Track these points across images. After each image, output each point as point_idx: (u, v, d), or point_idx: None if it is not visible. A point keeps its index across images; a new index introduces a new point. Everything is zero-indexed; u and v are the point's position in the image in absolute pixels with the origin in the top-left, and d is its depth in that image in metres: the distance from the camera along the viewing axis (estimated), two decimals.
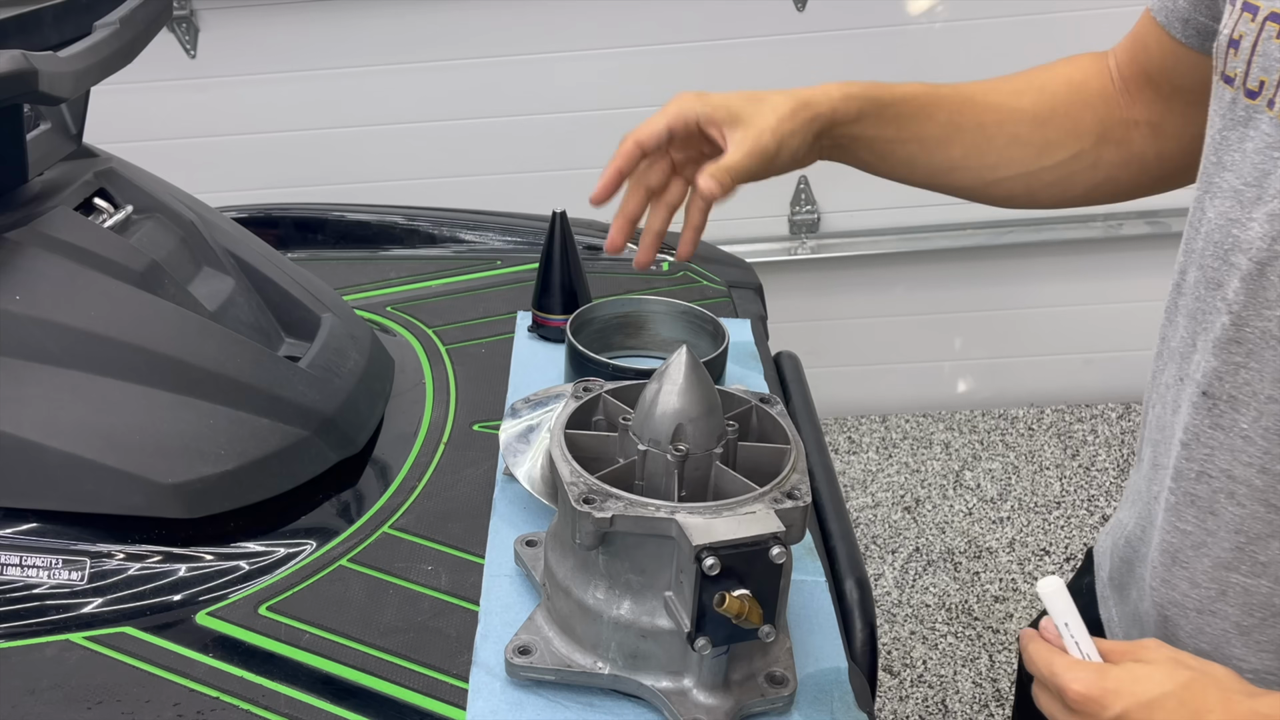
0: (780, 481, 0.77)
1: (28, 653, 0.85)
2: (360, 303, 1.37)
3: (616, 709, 0.78)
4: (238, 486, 0.96)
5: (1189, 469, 0.71)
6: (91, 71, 0.94)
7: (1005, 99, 0.87)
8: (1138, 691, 0.60)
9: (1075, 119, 0.87)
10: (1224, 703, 0.59)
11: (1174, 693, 0.59)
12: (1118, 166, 0.89)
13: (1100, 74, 0.89)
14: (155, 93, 2.52)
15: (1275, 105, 0.63)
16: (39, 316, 0.93)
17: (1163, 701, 0.59)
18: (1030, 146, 0.87)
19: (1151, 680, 0.60)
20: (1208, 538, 0.70)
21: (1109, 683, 0.61)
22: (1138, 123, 0.88)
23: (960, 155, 0.87)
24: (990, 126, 0.87)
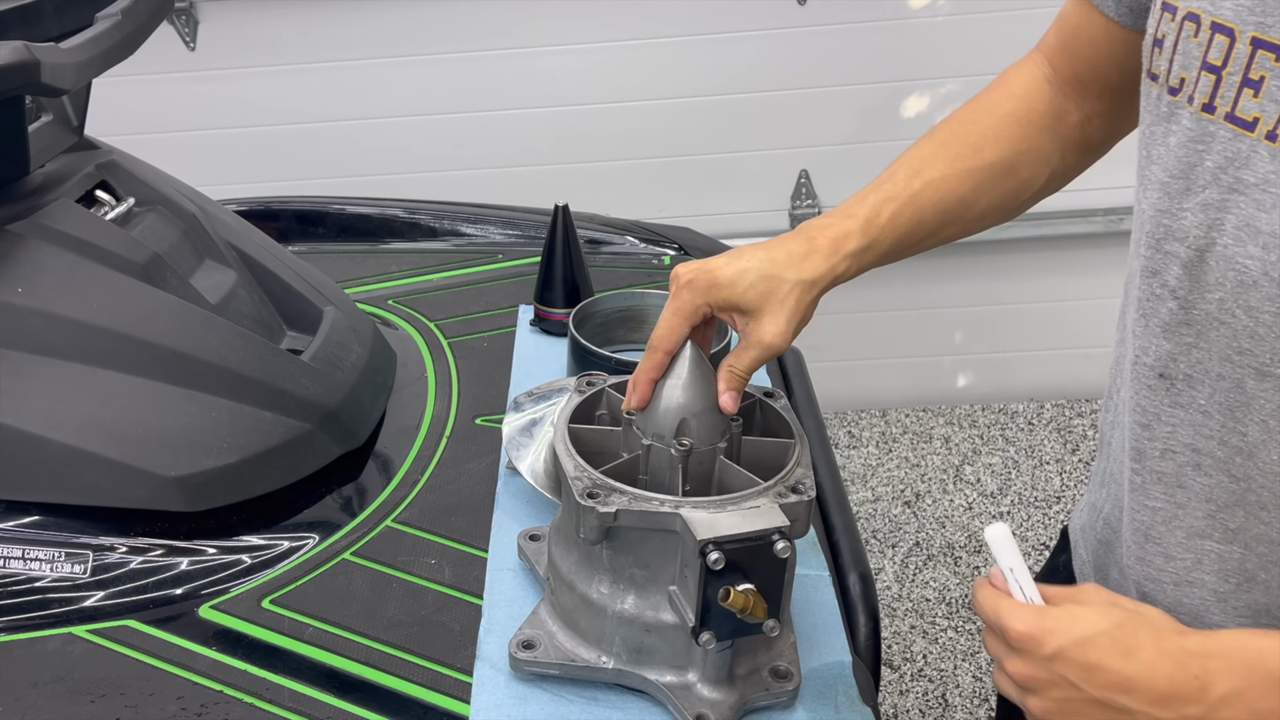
0: (785, 476, 0.77)
1: (30, 646, 0.85)
2: (361, 296, 1.37)
3: (621, 703, 0.78)
4: (240, 480, 0.95)
5: (1152, 448, 0.73)
6: (93, 63, 0.94)
7: (970, 161, 0.88)
8: (1073, 630, 0.62)
9: (1037, 150, 0.89)
10: (1155, 639, 0.62)
11: (1107, 631, 0.62)
12: (1083, 161, 0.91)
13: (1040, 90, 0.89)
14: (155, 85, 2.51)
15: (1194, 101, 0.65)
16: (41, 309, 0.93)
17: (1096, 639, 0.62)
18: (1007, 193, 0.89)
19: (1087, 620, 0.63)
20: (1178, 510, 0.72)
21: (1048, 622, 0.63)
22: (1089, 117, 0.88)
23: (953, 232, 0.90)
24: (969, 195, 0.88)
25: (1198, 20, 0.65)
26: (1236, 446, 0.67)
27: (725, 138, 2.64)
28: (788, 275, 0.80)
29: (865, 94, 2.61)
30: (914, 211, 0.86)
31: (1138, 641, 0.62)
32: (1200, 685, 0.60)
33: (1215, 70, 0.64)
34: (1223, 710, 0.60)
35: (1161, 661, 0.61)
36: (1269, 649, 0.60)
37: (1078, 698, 0.63)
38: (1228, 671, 0.60)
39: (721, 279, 0.80)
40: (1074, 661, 0.62)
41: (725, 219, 2.66)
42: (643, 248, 1.53)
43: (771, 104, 2.61)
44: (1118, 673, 0.61)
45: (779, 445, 0.82)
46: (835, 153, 2.67)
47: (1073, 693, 0.63)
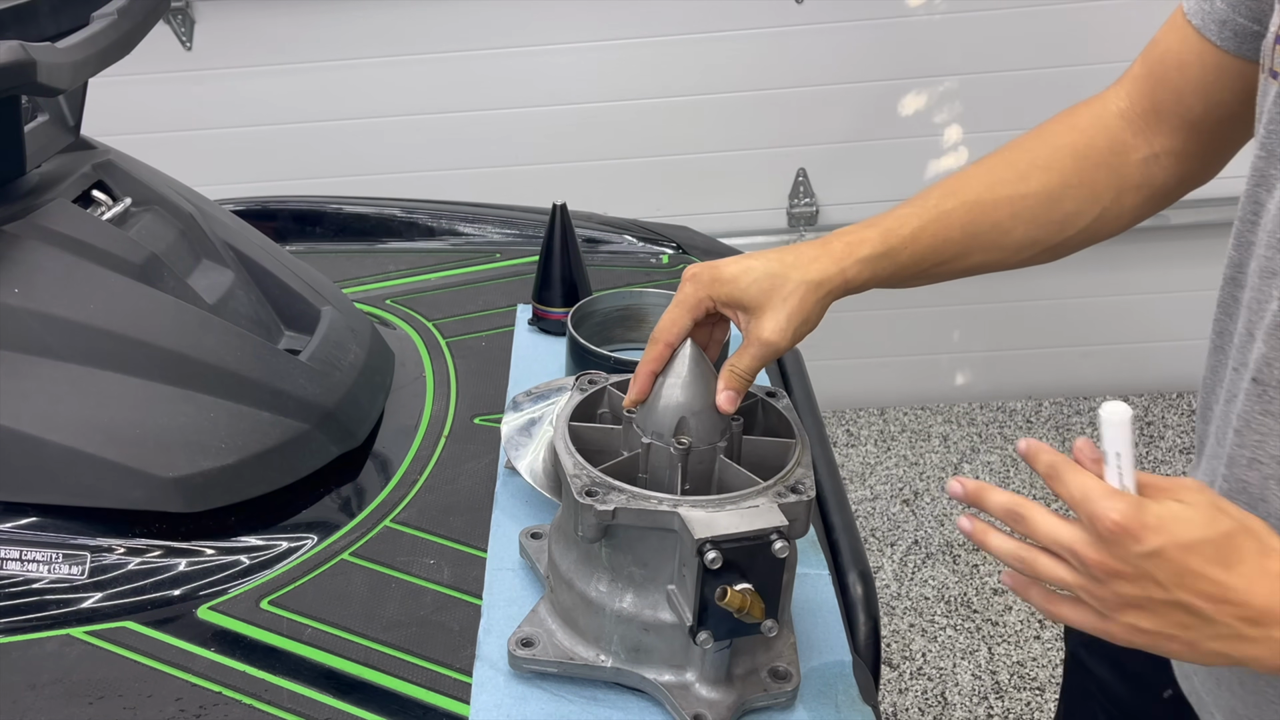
0: (784, 475, 0.77)
1: (28, 647, 0.85)
2: (359, 296, 1.37)
3: (620, 703, 0.78)
4: (238, 480, 0.95)
5: (1241, 455, 0.71)
6: (90, 62, 0.93)
7: (1012, 189, 0.85)
8: (1176, 532, 0.59)
9: (1089, 185, 0.85)
10: (1259, 555, 0.59)
11: (1212, 539, 0.59)
12: (1141, 205, 0.87)
13: (1105, 126, 0.86)
14: (151, 85, 2.51)
15: None
16: (38, 310, 0.93)
17: (1200, 547, 0.59)
18: (1049, 225, 0.86)
19: (1192, 523, 0.59)
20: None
21: (1148, 518, 0.59)
22: (1158, 155, 0.85)
23: (982, 259, 0.86)
24: (1005, 221, 0.85)
25: None
26: None
27: (723, 136, 2.64)
28: (793, 275, 0.79)
29: (863, 92, 2.61)
30: (941, 229, 0.84)
31: (1242, 554, 0.59)
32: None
33: None
34: None
35: (1263, 579, 0.59)
36: None
37: (1160, 598, 0.60)
38: None
39: (725, 274, 0.80)
40: (1172, 563, 0.59)
41: (723, 217, 2.66)
42: (641, 246, 1.53)
43: (769, 102, 2.61)
44: (1217, 582, 0.59)
45: (779, 445, 0.82)
46: (833, 151, 2.67)
47: (1156, 591, 0.60)
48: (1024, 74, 2.58)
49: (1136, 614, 0.61)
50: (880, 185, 2.69)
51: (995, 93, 2.60)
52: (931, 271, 0.86)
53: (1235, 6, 0.76)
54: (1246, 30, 0.76)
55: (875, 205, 3.11)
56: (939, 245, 0.84)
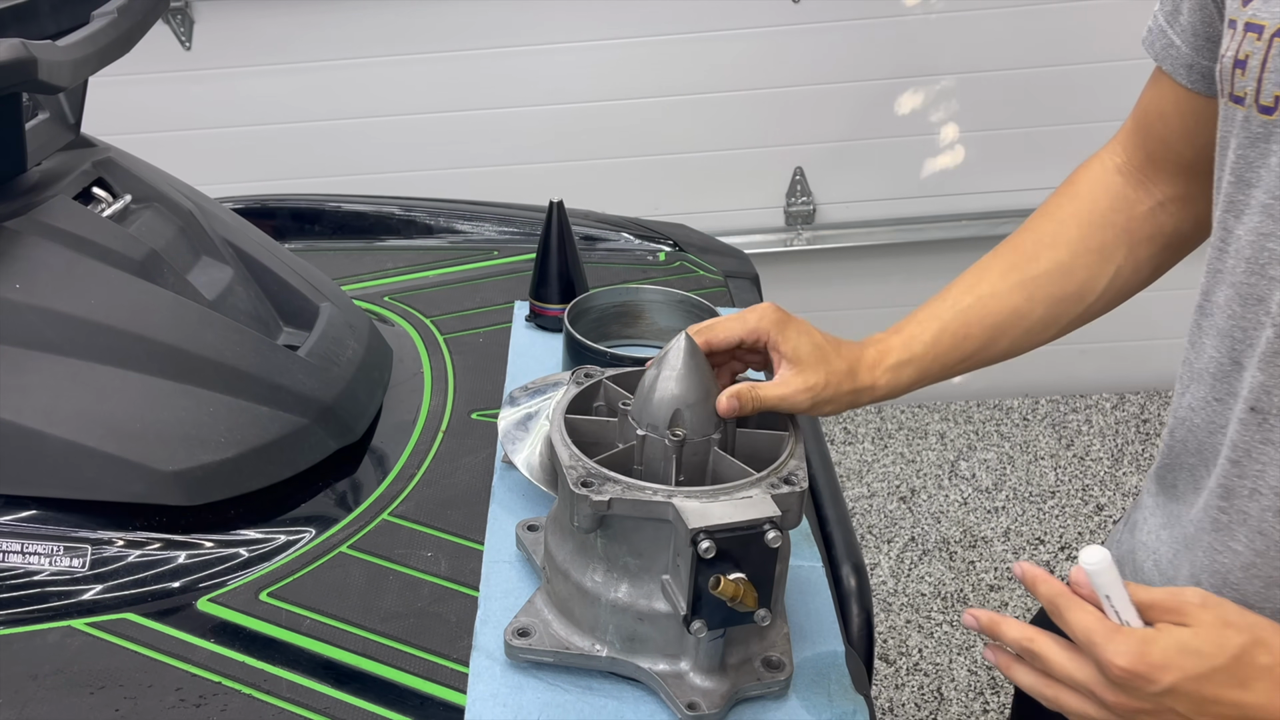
0: (778, 467, 0.77)
1: (30, 639, 0.86)
2: (357, 293, 1.37)
3: (615, 692, 0.79)
4: (237, 474, 0.96)
5: (1242, 486, 0.70)
6: (90, 60, 0.94)
7: (1022, 271, 0.87)
8: (1186, 666, 0.59)
9: (1098, 249, 0.87)
10: (1272, 670, 0.60)
11: (1224, 666, 0.59)
12: (1158, 255, 0.88)
13: (1104, 185, 0.88)
14: (150, 85, 2.51)
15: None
16: (39, 305, 0.93)
17: (1213, 675, 0.59)
18: (1067, 300, 0.87)
19: (1201, 654, 0.60)
20: (1257, 559, 0.70)
21: (1155, 656, 0.59)
22: (1163, 203, 0.86)
23: (1006, 347, 0.89)
24: (1022, 305, 0.87)
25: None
26: None
27: (720, 135, 2.65)
28: (840, 362, 0.84)
29: (860, 91, 2.62)
30: (960, 327, 0.87)
31: (1255, 671, 0.60)
32: None
33: None
34: None
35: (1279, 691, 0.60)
36: None
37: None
38: None
39: (793, 323, 0.84)
40: (1189, 695, 0.60)
41: (720, 216, 2.67)
42: (638, 244, 1.53)
43: (766, 101, 2.62)
44: (1236, 704, 0.60)
45: (773, 437, 0.83)
46: (830, 150, 2.68)
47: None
48: (1020, 73, 2.59)
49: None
50: (877, 184, 2.70)
51: (992, 91, 2.61)
52: (961, 367, 0.88)
53: (1198, 49, 0.77)
54: (1211, 70, 0.77)
55: (872, 204, 3.13)
56: (960, 343, 0.87)
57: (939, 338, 0.86)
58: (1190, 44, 0.78)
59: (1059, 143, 2.61)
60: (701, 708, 0.75)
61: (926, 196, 2.72)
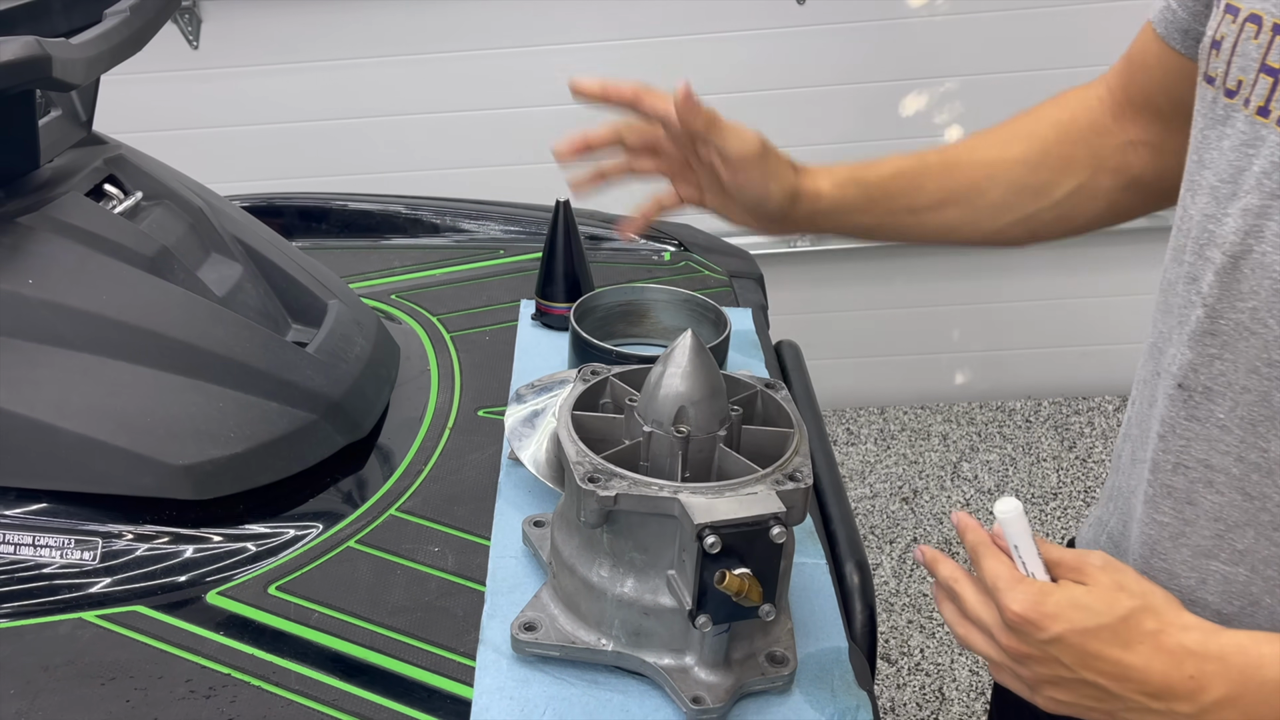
0: (782, 464, 0.78)
1: (41, 630, 0.87)
2: (365, 291, 1.38)
3: (620, 686, 0.80)
4: (246, 469, 0.97)
5: (1165, 460, 0.72)
6: (103, 58, 0.95)
7: (993, 152, 0.89)
8: (1074, 619, 0.62)
9: (1067, 156, 0.88)
10: (1155, 635, 0.62)
11: (1110, 624, 0.62)
12: (1118, 191, 0.89)
13: (1088, 107, 0.89)
14: (158, 84, 2.53)
15: (1250, 104, 0.64)
16: (51, 300, 0.94)
17: (1098, 631, 0.62)
18: (1025, 191, 0.88)
19: (1090, 610, 0.62)
20: (1185, 528, 0.72)
21: (1048, 606, 0.62)
22: (1135, 145, 0.88)
23: (956, 216, 0.89)
24: (982, 182, 0.88)
25: (1260, 22, 0.64)
26: (1254, 463, 0.66)
27: None
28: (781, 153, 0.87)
29: (864, 93, 2.63)
30: (917, 175, 0.89)
31: (1139, 635, 0.62)
32: (1195, 686, 0.61)
33: (1274, 73, 0.63)
34: (1215, 713, 0.60)
35: (1159, 657, 0.62)
36: (1269, 656, 0.60)
37: (1069, 676, 0.64)
38: (1223, 677, 0.60)
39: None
40: (1073, 647, 0.62)
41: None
42: (643, 244, 1.54)
43: (770, 102, 2.62)
44: (1116, 662, 0.62)
45: (778, 435, 0.84)
46: (834, 151, 2.68)
47: (1064, 671, 0.64)
48: (1025, 75, 2.59)
49: (1053, 689, 0.65)
50: None
51: (996, 94, 2.61)
52: (903, 217, 0.89)
53: (1195, 16, 0.78)
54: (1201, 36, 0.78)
55: None
56: (911, 190, 0.88)
57: (894, 176, 0.89)
58: (1189, 10, 0.78)
59: None
60: (706, 701, 0.76)
61: None
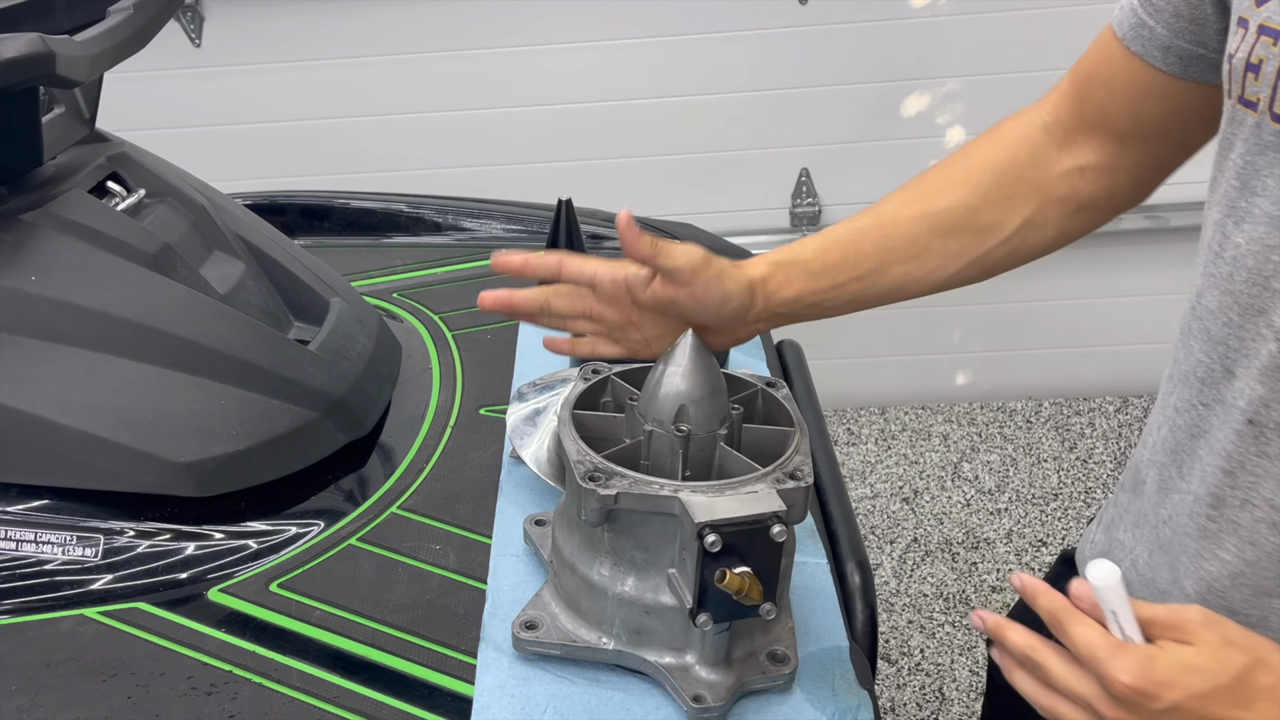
0: (783, 462, 0.78)
1: (43, 627, 0.87)
2: (366, 289, 1.38)
3: (621, 684, 0.80)
4: (248, 466, 0.97)
5: (1233, 496, 0.70)
6: (106, 56, 0.95)
7: (927, 204, 0.87)
8: (1190, 684, 0.59)
9: (1008, 195, 0.86)
10: (1273, 690, 0.60)
11: (1227, 685, 0.59)
12: (1066, 217, 0.87)
13: (1026, 138, 0.87)
14: (160, 82, 2.53)
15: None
16: (54, 297, 0.95)
17: (1216, 694, 0.59)
18: (968, 237, 0.86)
19: (1204, 672, 0.60)
20: (1246, 568, 0.70)
21: (1159, 674, 0.60)
22: (1083, 170, 0.86)
23: (902, 273, 0.87)
24: (921, 237, 0.86)
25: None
26: None
27: (727, 136, 2.66)
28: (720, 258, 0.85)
29: (866, 93, 2.63)
30: (853, 243, 0.87)
31: (1257, 691, 0.60)
32: None
33: None
34: None
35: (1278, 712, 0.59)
36: None
37: None
38: None
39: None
40: (1191, 714, 0.60)
41: (726, 216, 2.68)
42: None
43: (773, 102, 2.63)
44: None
45: (778, 433, 0.84)
46: (836, 151, 2.68)
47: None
48: (1027, 76, 2.59)
49: None
50: (882, 186, 2.67)
51: (998, 94, 2.61)
52: (851, 287, 0.87)
53: (1177, 33, 0.76)
54: (1191, 54, 0.76)
55: None
56: (852, 257, 0.86)
57: (829, 247, 0.86)
58: (1169, 26, 0.76)
59: None
60: (707, 700, 0.76)
61: None
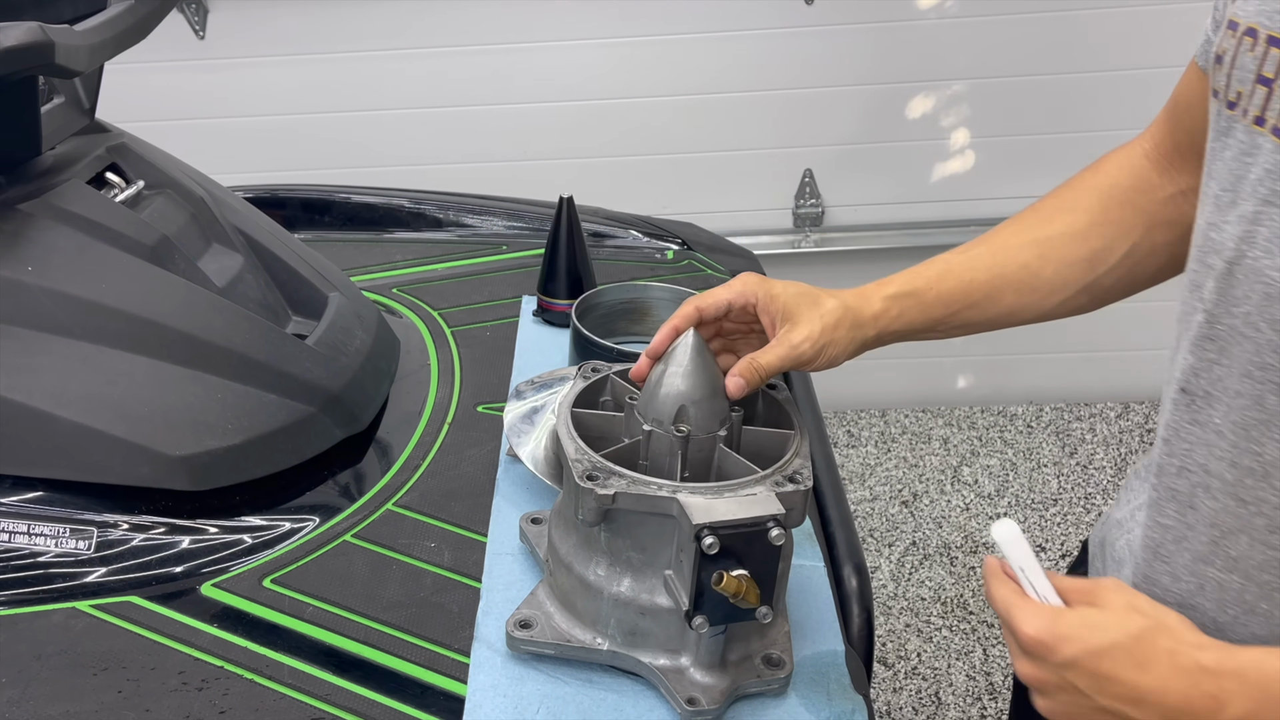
0: (782, 465, 0.78)
1: (34, 619, 0.86)
2: (366, 284, 1.38)
3: (615, 685, 0.79)
4: (243, 461, 0.97)
5: (1170, 464, 0.72)
6: (106, 46, 0.95)
7: (1036, 231, 0.88)
8: (1088, 640, 0.62)
9: (1115, 221, 0.88)
10: (1171, 654, 0.61)
11: (1123, 644, 0.61)
12: (1176, 243, 0.88)
13: (1129, 166, 0.89)
14: (163, 73, 2.52)
15: (1248, 114, 0.65)
16: (50, 288, 0.94)
17: (1112, 651, 0.61)
18: (1079, 265, 0.88)
19: (1103, 630, 0.62)
20: (1187, 532, 0.72)
21: (1061, 628, 0.62)
22: (1186, 193, 0.87)
23: (1014, 300, 0.89)
24: (1033, 263, 0.87)
25: (1255, 35, 0.65)
26: (1248, 468, 0.66)
27: (730, 135, 2.65)
28: (829, 299, 0.85)
29: (871, 94, 2.62)
30: (967, 271, 0.88)
31: (1154, 655, 0.61)
32: (1214, 704, 0.59)
33: (1268, 83, 0.64)
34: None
35: (1176, 678, 0.60)
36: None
37: (1086, 704, 0.62)
38: (1242, 694, 0.59)
39: (772, 282, 0.85)
40: (1087, 671, 0.61)
41: (729, 216, 2.67)
42: (646, 242, 1.54)
43: (777, 102, 2.62)
44: (1131, 685, 0.61)
45: (778, 436, 0.83)
46: (840, 152, 2.68)
47: (1081, 699, 0.63)
48: (1032, 79, 2.59)
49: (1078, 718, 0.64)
50: (886, 187, 2.70)
51: (1003, 97, 2.61)
52: (965, 315, 0.88)
53: None
54: None
55: (881, 207, 3.13)
56: (965, 285, 0.87)
57: (944, 276, 0.87)
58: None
59: (1070, 150, 2.61)
60: (701, 703, 0.76)
61: (936, 201, 2.71)
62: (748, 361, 0.82)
